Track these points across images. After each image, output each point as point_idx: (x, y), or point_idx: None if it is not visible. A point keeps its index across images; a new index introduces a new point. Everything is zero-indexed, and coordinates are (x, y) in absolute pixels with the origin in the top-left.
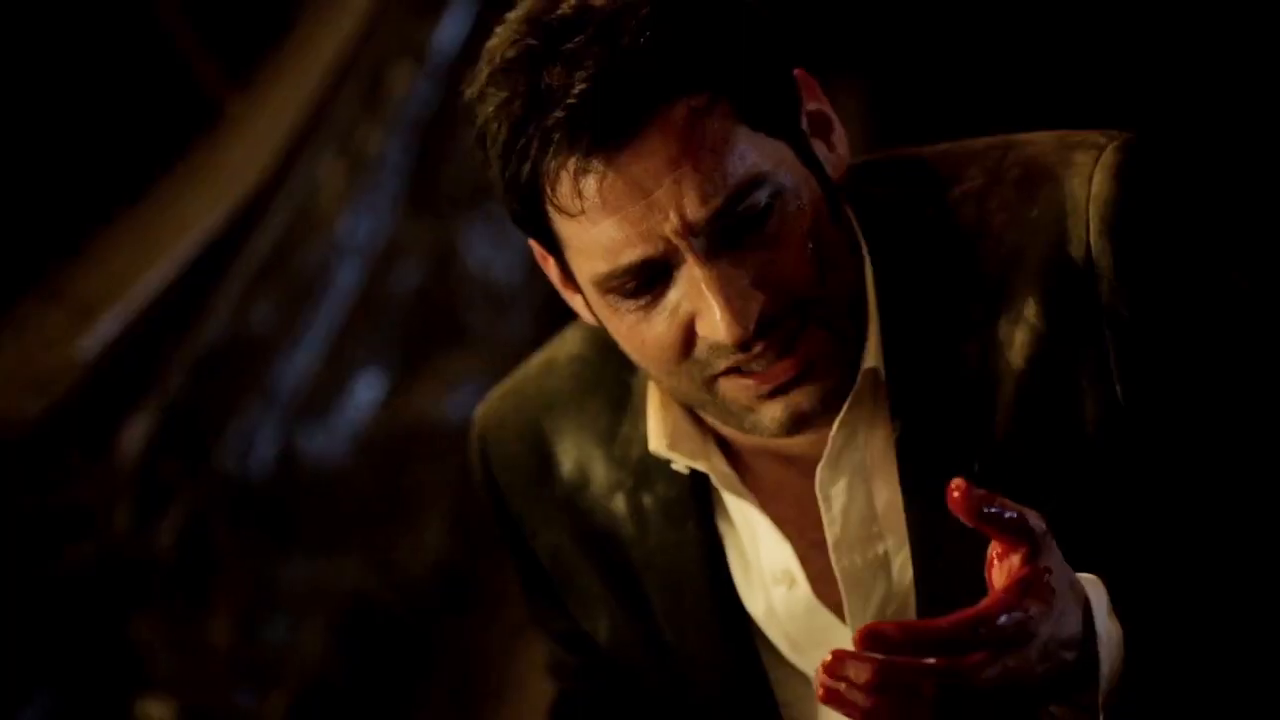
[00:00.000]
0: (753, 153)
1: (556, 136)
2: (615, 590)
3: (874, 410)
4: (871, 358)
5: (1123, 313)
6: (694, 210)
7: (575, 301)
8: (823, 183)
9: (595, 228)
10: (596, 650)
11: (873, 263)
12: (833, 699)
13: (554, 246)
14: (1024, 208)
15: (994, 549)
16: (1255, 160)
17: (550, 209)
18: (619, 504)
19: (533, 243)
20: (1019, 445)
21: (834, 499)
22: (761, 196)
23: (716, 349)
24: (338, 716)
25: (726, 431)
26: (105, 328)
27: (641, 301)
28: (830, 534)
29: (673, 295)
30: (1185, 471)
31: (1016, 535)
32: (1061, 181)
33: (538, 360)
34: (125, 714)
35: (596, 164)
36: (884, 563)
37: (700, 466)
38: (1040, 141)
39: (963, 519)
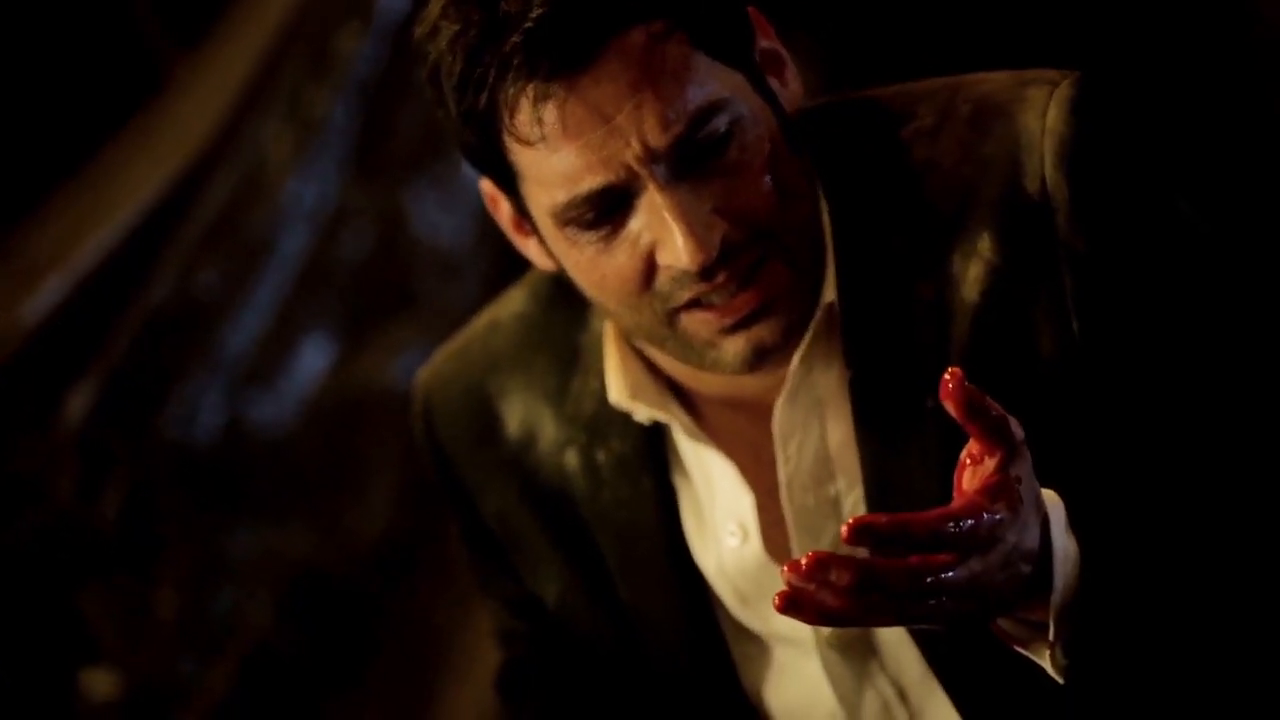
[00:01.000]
0: (711, 80)
1: (515, 62)
2: (564, 550)
3: (829, 347)
4: (830, 291)
5: (1079, 246)
6: (655, 136)
7: (529, 246)
8: (779, 115)
9: (554, 155)
10: (545, 615)
11: (828, 200)
12: (795, 604)
13: (509, 182)
14: (977, 144)
15: (969, 451)
16: (1201, 103)
17: (507, 139)
18: (571, 460)
19: (484, 184)
20: (974, 379)
21: (789, 436)
22: (721, 123)
23: (678, 279)
24: (286, 686)
25: (684, 380)
26: (48, 293)
27: (601, 232)
28: (784, 472)
29: (633, 225)
30: (1140, 401)
31: (997, 437)
32: (1015, 117)
33: (482, 320)
34: (69, 687)
35: (556, 89)
36: (835, 504)
37: (662, 416)
38: (992, 79)
39: (951, 409)
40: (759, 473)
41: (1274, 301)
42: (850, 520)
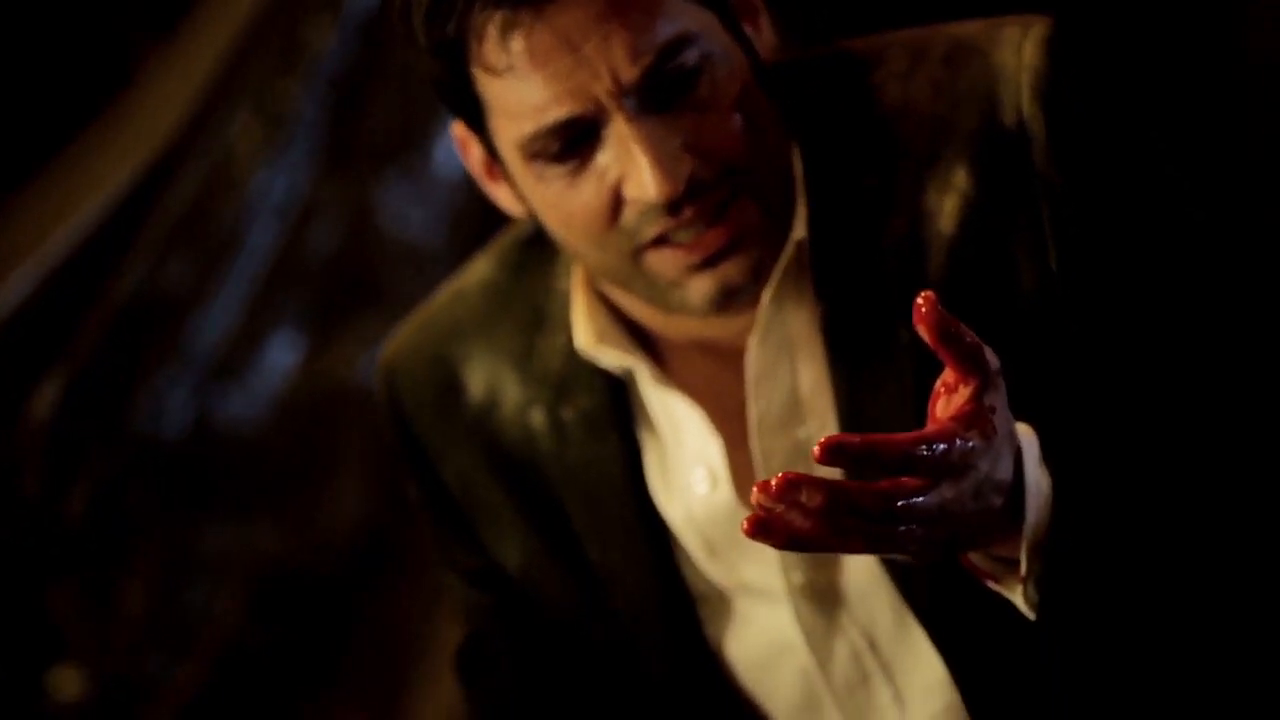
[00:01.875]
0: (681, 14)
1: None
2: (528, 512)
3: (800, 287)
4: (799, 229)
5: (1056, 178)
6: (624, 68)
7: (498, 192)
8: (751, 58)
9: (522, 84)
10: (507, 586)
11: (799, 142)
12: (764, 526)
13: (477, 117)
14: (951, 81)
15: (943, 380)
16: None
17: (475, 69)
18: (536, 419)
19: (455, 128)
20: (951, 311)
21: (761, 378)
22: (690, 57)
23: (645, 215)
24: (256, 684)
25: (652, 326)
26: (15, 286)
27: (568, 166)
28: (753, 414)
29: (601, 159)
30: (1116, 334)
31: (971, 364)
32: (989, 54)
33: (446, 291)
34: (36, 686)
35: (524, 17)
36: (805, 448)
37: (629, 362)
38: (964, 25)
39: (924, 334)
40: (727, 419)
41: (1247, 239)
42: (822, 440)
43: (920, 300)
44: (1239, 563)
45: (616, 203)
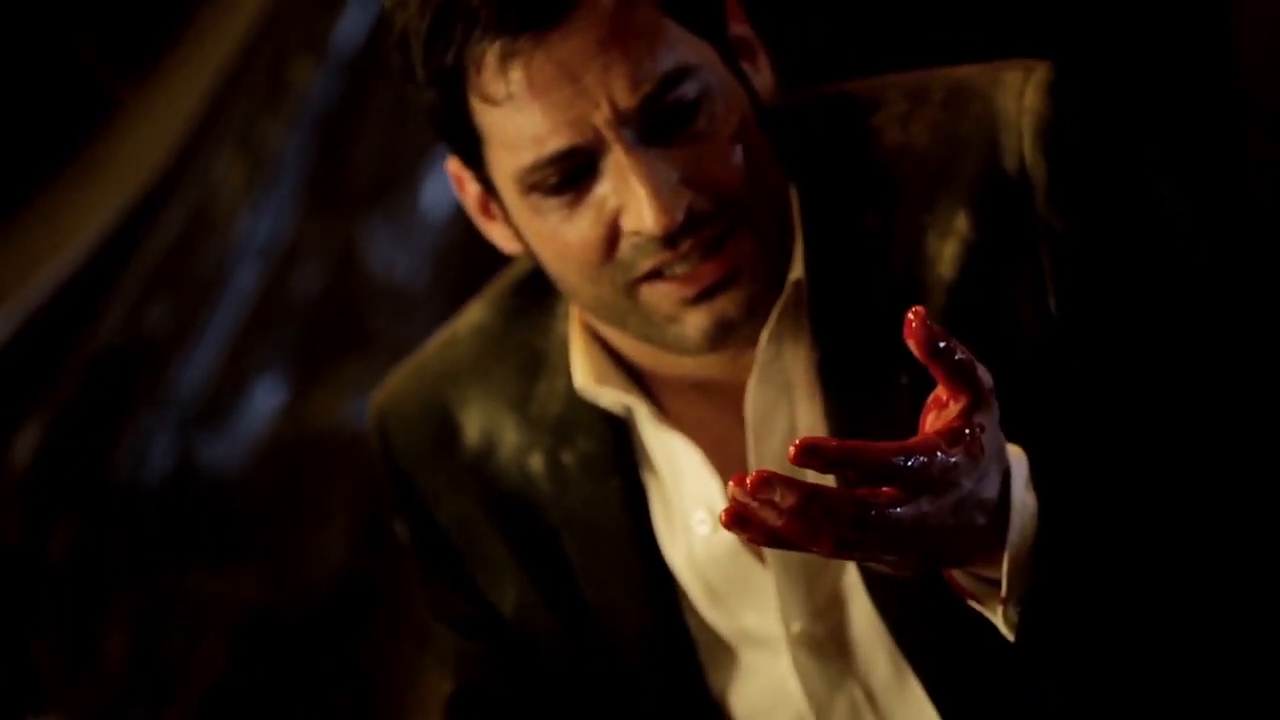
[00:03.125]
0: (681, 46)
1: (483, 15)
2: (525, 556)
3: (798, 328)
4: (797, 269)
5: (1057, 223)
6: (624, 98)
7: (493, 230)
8: (750, 94)
9: (520, 115)
10: (500, 634)
11: (797, 182)
12: (741, 520)
13: (474, 150)
14: (952, 125)
15: (935, 395)
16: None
17: (474, 99)
18: (535, 464)
19: (451, 164)
20: None
21: (760, 419)
22: (690, 90)
23: (641, 248)
24: None
25: (649, 367)
26: None
27: (566, 198)
28: (753, 458)
29: (599, 191)
30: (1113, 376)
31: (962, 380)
32: (991, 99)
33: (439, 337)
34: None
35: (524, 46)
36: None
37: (628, 401)
38: (964, 69)
39: (915, 349)
40: (727, 460)
41: (1244, 285)
42: (798, 440)
43: (910, 315)
44: (1224, 594)
45: (613, 235)
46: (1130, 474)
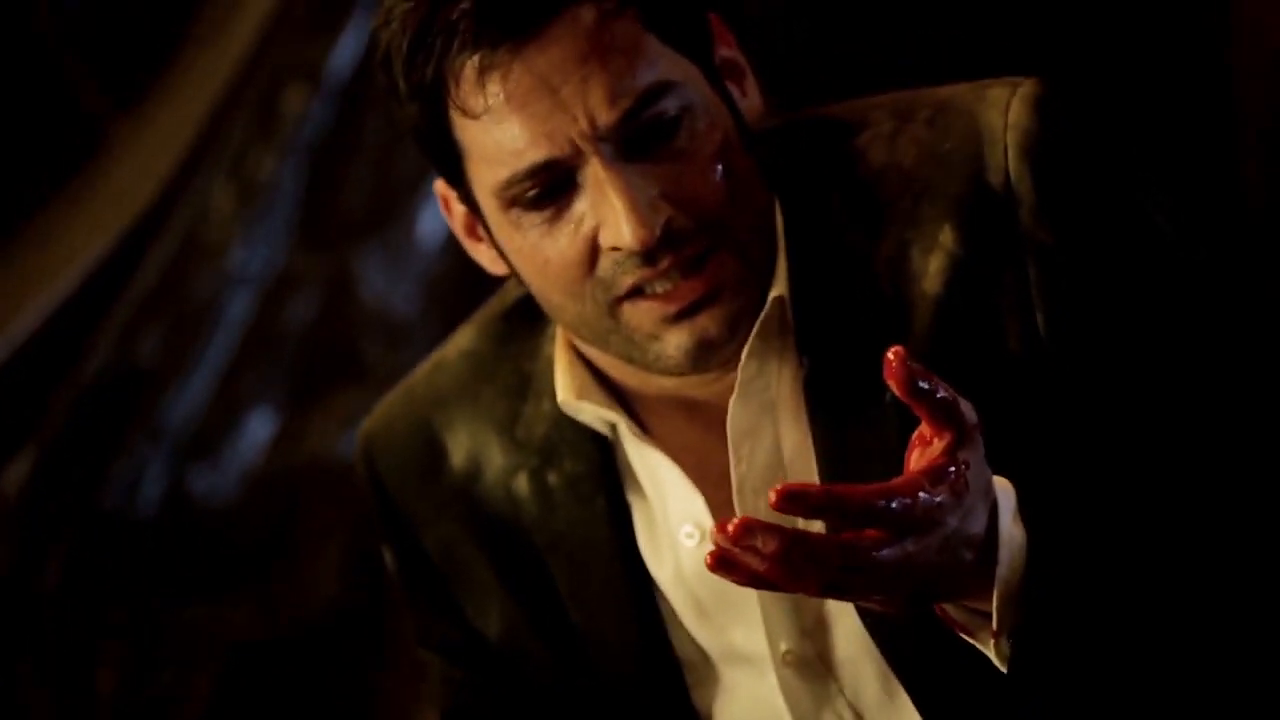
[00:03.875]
0: (662, 62)
1: (461, 28)
2: (511, 579)
3: (783, 346)
4: (779, 286)
5: (1044, 239)
6: (602, 112)
7: (480, 251)
8: (735, 116)
9: (498, 128)
10: (486, 659)
11: (781, 203)
12: (725, 563)
13: (456, 166)
14: (937, 141)
15: (920, 431)
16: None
17: (454, 113)
18: (521, 485)
19: (438, 185)
20: (938, 371)
21: (741, 439)
22: (670, 105)
23: (620, 264)
24: None
25: (632, 386)
26: None
27: (545, 213)
28: (736, 475)
29: (578, 207)
30: (1101, 394)
31: (945, 418)
32: (976, 115)
33: (427, 362)
34: None
35: (502, 58)
36: None
37: (609, 416)
38: (950, 87)
39: (895, 389)
40: (709, 478)
41: (1237, 300)
42: (779, 485)
43: (890, 355)
44: (1217, 620)
45: (593, 252)
46: (1120, 499)
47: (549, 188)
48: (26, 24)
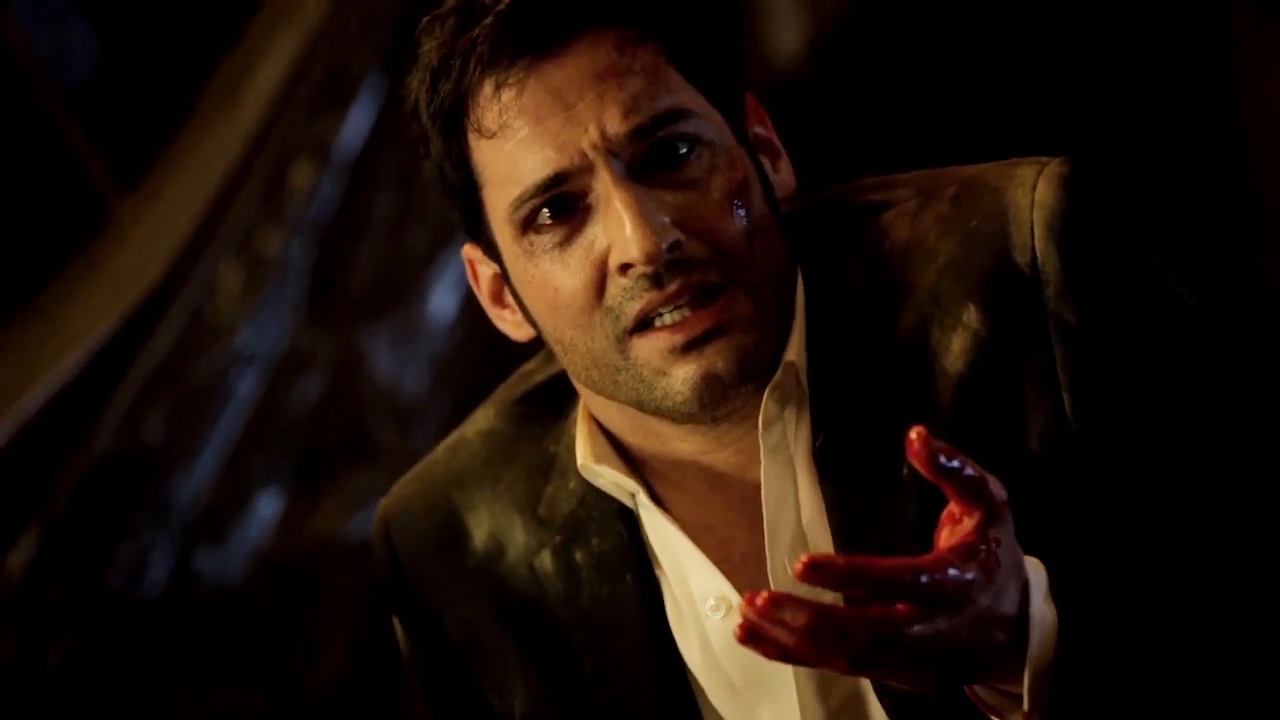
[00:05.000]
0: (683, 94)
1: (481, 48)
2: (535, 658)
3: (799, 416)
4: (794, 352)
5: (1069, 319)
6: (614, 122)
7: (504, 319)
8: (763, 180)
9: (510, 144)
10: None
11: (803, 274)
12: (754, 636)
13: (475, 205)
14: (962, 219)
15: (949, 510)
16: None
17: (471, 136)
18: (545, 562)
19: (466, 250)
20: (961, 449)
21: (769, 502)
22: (685, 130)
23: (629, 289)
24: None
25: (650, 453)
26: None
27: (556, 236)
28: (770, 558)
29: (590, 230)
30: (1129, 474)
31: (974, 497)
32: (1002, 192)
33: (446, 442)
34: None
35: (518, 74)
36: None
37: (628, 485)
38: (976, 166)
39: (919, 468)
40: (731, 546)
41: (1260, 378)
42: (804, 557)
43: (913, 435)
44: (1246, 698)
45: (602, 277)
46: (1151, 579)
47: (558, 203)
48: (32, 100)
